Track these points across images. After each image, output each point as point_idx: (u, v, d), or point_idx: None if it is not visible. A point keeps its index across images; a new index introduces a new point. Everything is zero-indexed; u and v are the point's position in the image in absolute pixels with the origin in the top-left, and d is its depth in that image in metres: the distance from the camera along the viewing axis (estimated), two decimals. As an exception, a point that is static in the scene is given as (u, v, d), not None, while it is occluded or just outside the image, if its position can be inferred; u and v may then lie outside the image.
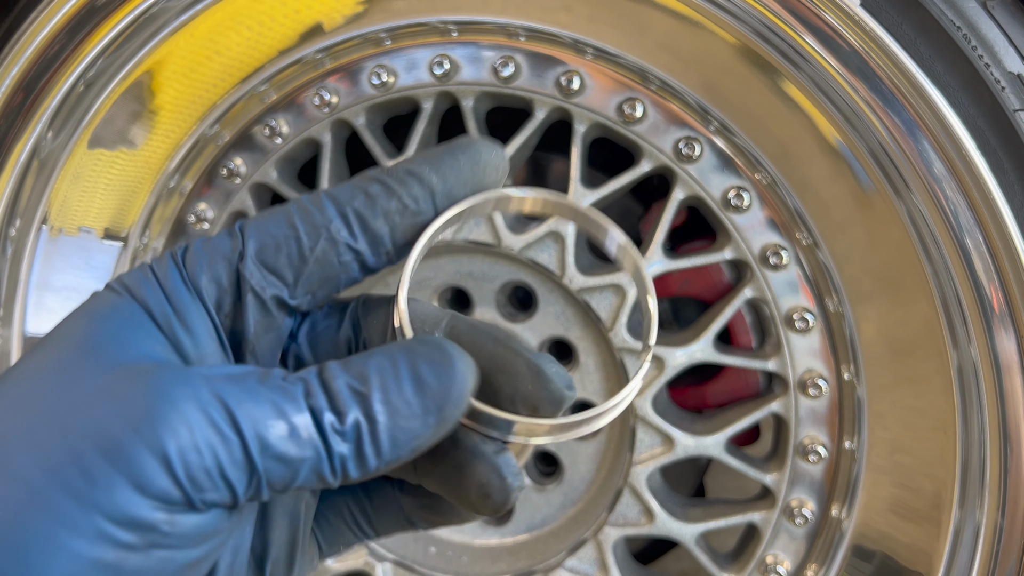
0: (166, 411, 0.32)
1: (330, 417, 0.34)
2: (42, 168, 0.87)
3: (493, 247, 0.83)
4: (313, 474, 0.34)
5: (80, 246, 0.91)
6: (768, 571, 0.82)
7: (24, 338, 0.92)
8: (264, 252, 0.38)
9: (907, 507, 0.75)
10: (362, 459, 0.35)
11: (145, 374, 0.34)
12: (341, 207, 0.38)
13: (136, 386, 0.33)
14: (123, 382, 0.33)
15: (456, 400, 0.35)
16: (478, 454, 0.39)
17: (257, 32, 0.82)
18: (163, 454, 0.32)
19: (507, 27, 0.77)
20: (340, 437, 0.34)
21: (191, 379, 0.34)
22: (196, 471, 0.32)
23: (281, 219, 0.38)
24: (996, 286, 0.68)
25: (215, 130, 0.87)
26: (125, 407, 0.33)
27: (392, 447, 0.35)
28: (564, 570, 0.88)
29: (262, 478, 0.33)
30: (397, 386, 0.35)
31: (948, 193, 0.67)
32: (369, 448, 0.34)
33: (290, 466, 0.34)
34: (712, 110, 0.74)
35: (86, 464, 0.31)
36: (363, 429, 0.34)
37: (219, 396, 0.33)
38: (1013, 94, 0.65)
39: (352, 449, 0.34)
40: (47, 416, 0.33)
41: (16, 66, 0.83)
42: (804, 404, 0.78)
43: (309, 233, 0.38)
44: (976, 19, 0.66)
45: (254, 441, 0.33)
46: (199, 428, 0.32)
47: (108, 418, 0.32)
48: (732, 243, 0.77)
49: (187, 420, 0.32)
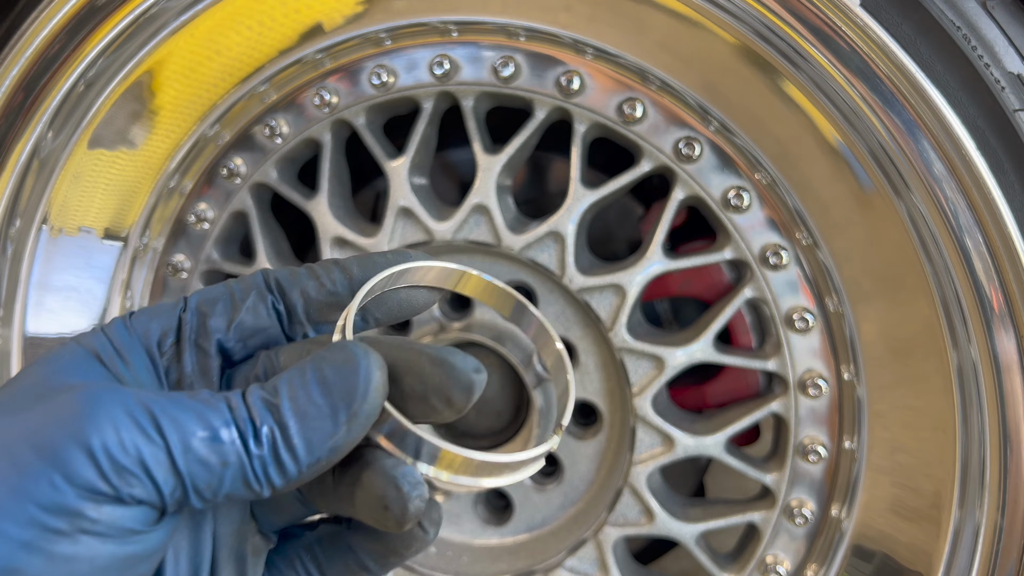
0: (93, 411, 0.36)
1: (248, 427, 0.37)
2: (42, 168, 0.87)
3: (493, 247, 0.83)
4: (239, 481, 0.37)
5: (80, 246, 0.91)
6: (768, 571, 0.82)
7: (24, 338, 0.92)
8: (203, 304, 0.43)
9: (907, 507, 0.75)
10: (280, 464, 0.37)
11: (79, 386, 0.38)
12: (269, 276, 0.43)
13: (68, 396, 0.37)
14: (59, 396, 0.37)
15: (363, 394, 0.37)
16: (375, 467, 0.40)
17: (257, 32, 0.82)
18: (88, 448, 0.35)
19: (507, 27, 0.77)
20: (257, 444, 0.37)
21: (123, 391, 0.37)
22: (122, 464, 0.35)
23: (220, 285, 0.44)
24: (996, 286, 0.68)
25: (215, 130, 0.87)
26: (57, 411, 0.36)
27: (307, 450, 0.37)
28: (564, 570, 0.88)
29: (187, 480, 0.36)
30: (305, 392, 0.37)
31: (948, 193, 0.67)
32: (285, 453, 0.37)
33: (213, 471, 0.36)
34: (712, 110, 0.74)
35: (19, 459, 0.35)
36: (276, 435, 0.37)
37: (145, 404, 0.36)
38: (1013, 94, 0.65)
39: (270, 454, 0.37)
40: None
41: (16, 66, 0.83)
42: (804, 404, 0.78)
43: (243, 290, 0.43)
44: (976, 19, 0.66)
45: (177, 444, 0.36)
46: (125, 428, 0.36)
47: (41, 421, 0.36)
48: (732, 243, 0.77)
49: (113, 420, 0.36)
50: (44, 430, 0.36)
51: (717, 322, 0.79)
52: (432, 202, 0.87)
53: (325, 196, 0.86)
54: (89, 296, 0.93)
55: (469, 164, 0.86)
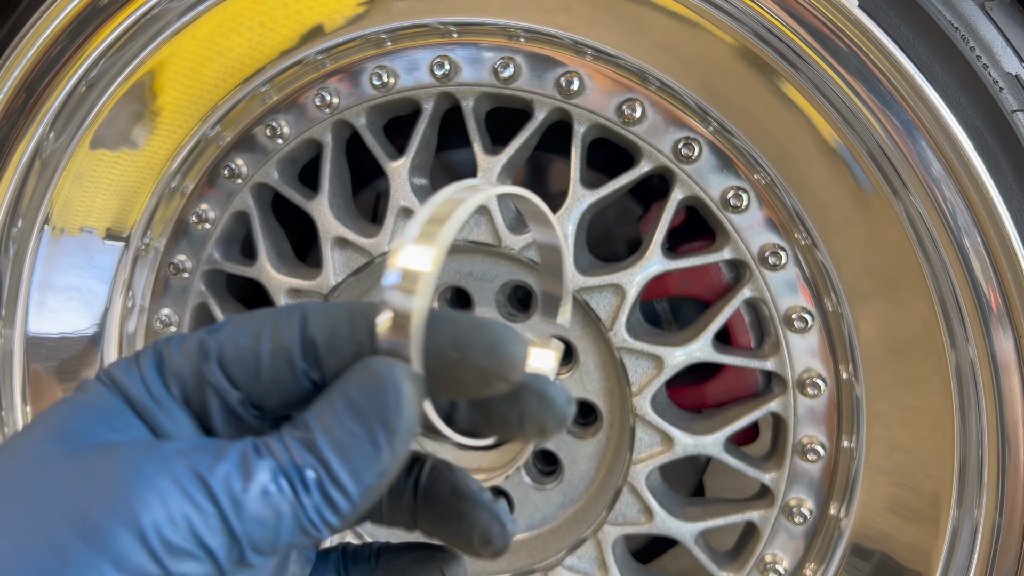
0: (139, 486, 0.33)
1: (294, 471, 0.35)
2: (44, 168, 0.88)
3: (493, 247, 0.83)
4: (296, 529, 0.35)
5: (82, 246, 0.92)
6: (767, 570, 0.82)
7: (26, 337, 0.92)
8: (225, 359, 0.38)
9: (905, 506, 0.76)
10: (332, 503, 0.35)
11: (117, 452, 0.35)
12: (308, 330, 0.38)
13: (108, 464, 0.34)
14: (96, 462, 0.34)
15: (396, 409, 0.35)
16: (479, 503, 0.41)
17: (258, 33, 0.82)
18: (138, 529, 0.32)
19: (507, 28, 0.78)
20: (305, 489, 0.35)
21: (162, 452, 0.35)
22: (173, 543, 0.33)
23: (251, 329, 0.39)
24: (994, 286, 0.68)
25: (216, 131, 0.87)
26: (98, 486, 0.33)
27: (355, 481, 0.35)
28: (564, 568, 0.88)
29: (242, 541, 0.34)
30: (337, 422, 0.35)
31: (946, 193, 0.67)
32: (334, 491, 0.35)
33: (269, 526, 0.34)
34: (711, 111, 0.74)
35: (61, 545, 0.32)
36: (321, 474, 0.35)
37: (190, 466, 0.34)
38: (1011, 95, 0.65)
39: (320, 497, 0.35)
40: (22, 500, 0.33)
41: (18, 67, 0.83)
42: (803, 403, 0.79)
43: (271, 352, 0.38)
44: (974, 20, 0.66)
45: (228, 507, 0.34)
46: (173, 499, 0.33)
47: (82, 498, 0.33)
48: (731, 243, 0.78)
49: (160, 492, 0.33)
50: (84, 507, 0.33)
51: (716, 322, 0.79)
52: (432, 202, 0.87)
53: (326, 196, 0.86)
54: (91, 296, 0.93)
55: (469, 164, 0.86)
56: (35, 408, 0.94)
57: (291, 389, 0.38)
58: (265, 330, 0.38)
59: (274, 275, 0.89)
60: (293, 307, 0.39)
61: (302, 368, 0.38)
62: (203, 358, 0.38)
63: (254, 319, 0.39)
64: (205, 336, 0.39)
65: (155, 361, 0.39)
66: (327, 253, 0.87)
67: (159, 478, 0.33)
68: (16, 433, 0.38)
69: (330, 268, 0.87)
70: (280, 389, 0.38)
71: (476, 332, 0.37)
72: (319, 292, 0.88)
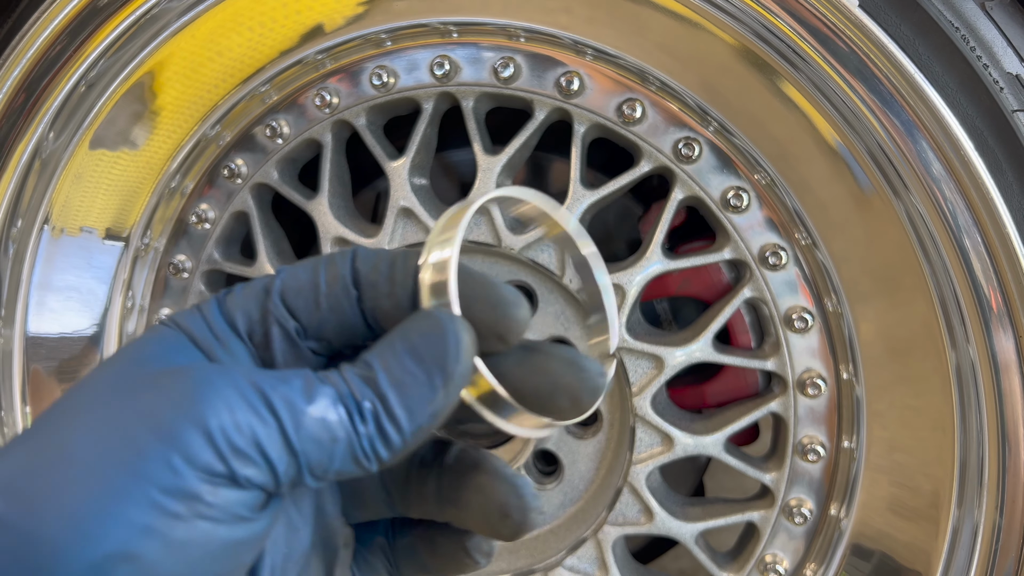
0: (207, 393, 0.36)
1: (351, 402, 0.37)
2: (44, 168, 0.88)
3: (493, 247, 0.83)
4: (348, 457, 0.37)
5: (82, 246, 0.92)
6: (767, 570, 0.82)
7: (26, 337, 0.92)
8: (287, 292, 0.41)
9: (905, 506, 0.76)
10: (385, 436, 0.37)
11: (187, 368, 0.38)
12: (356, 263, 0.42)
13: (179, 377, 0.37)
14: (167, 376, 0.37)
15: (455, 356, 0.38)
16: (499, 476, 0.42)
17: (258, 33, 0.82)
18: (206, 430, 0.35)
19: (507, 28, 0.78)
20: (362, 420, 0.37)
21: (232, 371, 0.38)
22: (238, 446, 0.35)
23: (308, 265, 0.42)
24: (994, 286, 0.68)
25: (216, 131, 0.87)
26: (171, 394, 0.36)
27: (409, 417, 0.37)
28: (564, 569, 0.88)
29: (300, 458, 0.36)
30: (397, 362, 0.38)
31: (946, 193, 0.67)
32: (388, 424, 0.37)
33: (324, 448, 0.37)
34: (711, 111, 0.74)
35: (138, 442, 0.35)
36: (378, 407, 0.37)
37: (256, 383, 0.37)
38: (1011, 95, 0.65)
39: (374, 427, 0.37)
40: (103, 411, 0.37)
41: (18, 67, 0.83)
42: (803, 403, 0.79)
43: (328, 282, 0.41)
44: (975, 20, 0.66)
45: (289, 423, 0.36)
46: (239, 409, 0.36)
47: (156, 404, 0.36)
48: (731, 243, 0.78)
49: (227, 401, 0.36)
50: (160, 412, 0.36)
51: (716, 322, 0.79)
52: (432, 202, 0.87)
53: (326, 196, 0.86)
54: (90, 296, 0.93)
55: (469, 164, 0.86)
56: (35, 408, 0.94)
57: (347, 317, 0.41)
58: (321, 263, 0.42)
59: (274, 275, 0.89)
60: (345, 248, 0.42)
61: (355, 295, 0.41)
62: (265, 294, 0.41)
63: (310, 260, 0.42)
64: (266, 279, 0.42)
65: (216, 303, 0.42)
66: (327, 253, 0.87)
67: (226, 388, 0.36)
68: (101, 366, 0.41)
69: (330, 268, 0.87)
70: (337, 316, 0.41)
71: (483, 288, 0.40)
72: (319, 292, 0.88)
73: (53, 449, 0.36)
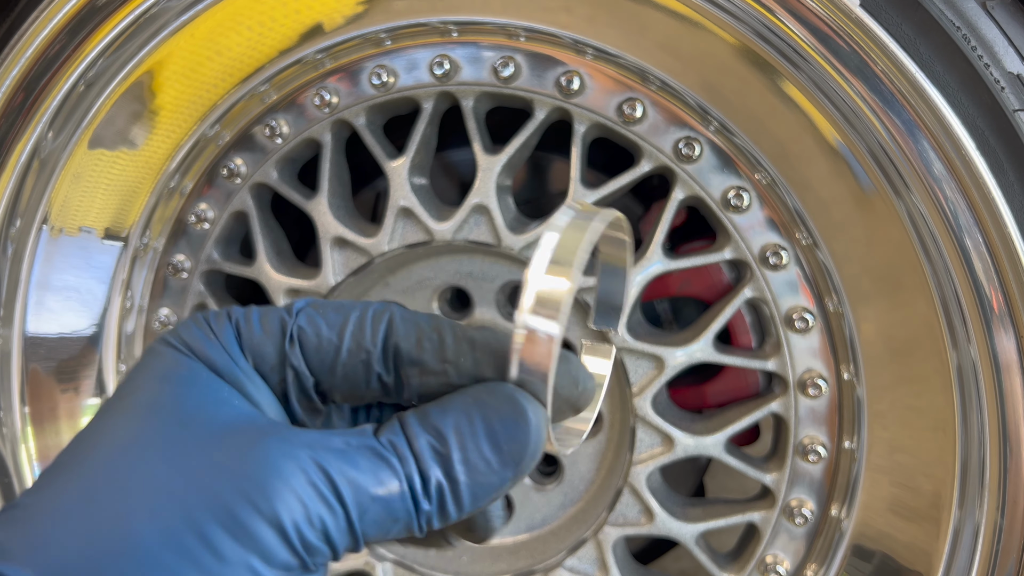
0: (278, 486, 0.34)
1: (418, 480, 0.36)
2: (42, 168, 0.88)
3: (493, 247, 0.83)
4: (404, 530, 0.37)
5: (80, 246, 0.91)
6: (768, 571, 0.82)
7: (24, 337, 0.92)
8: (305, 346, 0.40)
9: (906, 507, 0.75)
10: (445, 514, 0.37)
11: (250, 444, 0.36)
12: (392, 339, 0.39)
13: (245, 457, 0.35)
14: (231, 453, 0.36)
15: (532, 454, 0.37)
16: None
17: (257, 32, 0.82)
18: (280, 527, 0.34)
19: (507, 27, 0.77)
20: (426, 498, 0.36)
21: (294, 449, 0.36)
22: (310, 543, 0.35)
23: (335, 323, 0.40)
24: (995, 286, 0.68)
25: (215, 130, 0.87)
26: (238, 480, 0.35)
27: (472, 501, 0.37)
28: (564, 570, 0.88)
29: (360, 539, 0.36)
30: (475, 444, 0.36)
31: (948, 193, 0.67)
32: (451, 506, 0.37)
33: (385, 529, 0.36)
34: (712, 110, 0.74)
35: (210, 540, 0.33)
36: (445, 489, 0.37)
37: (322, 466, 0.35)
38: (1012, 94, 0.65)
39: (436, 507, 0.37)
40: (164, 492, 0.35)
41: (17, 66, 0.83)
42: (804, 404, 0.79)
43: (351, 351, 0.39)
44: (976, 19, 0.66)
45: (355, 509, 0.35)
46: (309, 499, 0.35)
47: (224, 492, 0.34)
48: (732, 243, 0.78)
49: (297, 493, 0.35)
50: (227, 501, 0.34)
51: (717, 322, 0.79)
52: (432, 202, 0.87)
53: (325, 196, 0.86)
54: (89, 296, 0.93)
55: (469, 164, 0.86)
56: (33, 409, 0.93)
57: (359, 386, 0.40)
58: (348, 327, 0.39)
59: (273, 275, 0.89)
60: (379, 309, 0.40)
61: (377, 372, 0.39)
62: (283, 337, 0.40)
63: (340, 311, 0.40)
64: (285, 316, 0.40)
65: (233, 332, 0.40)
66: (326, 253, 0.86)
67: (294, 477, 0.35)
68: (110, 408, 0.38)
69: (329, 268, 0.87)
70: (350, 385, 0.40)
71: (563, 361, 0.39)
72: (318, 292, 0.88)
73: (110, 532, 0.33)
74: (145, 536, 0.33)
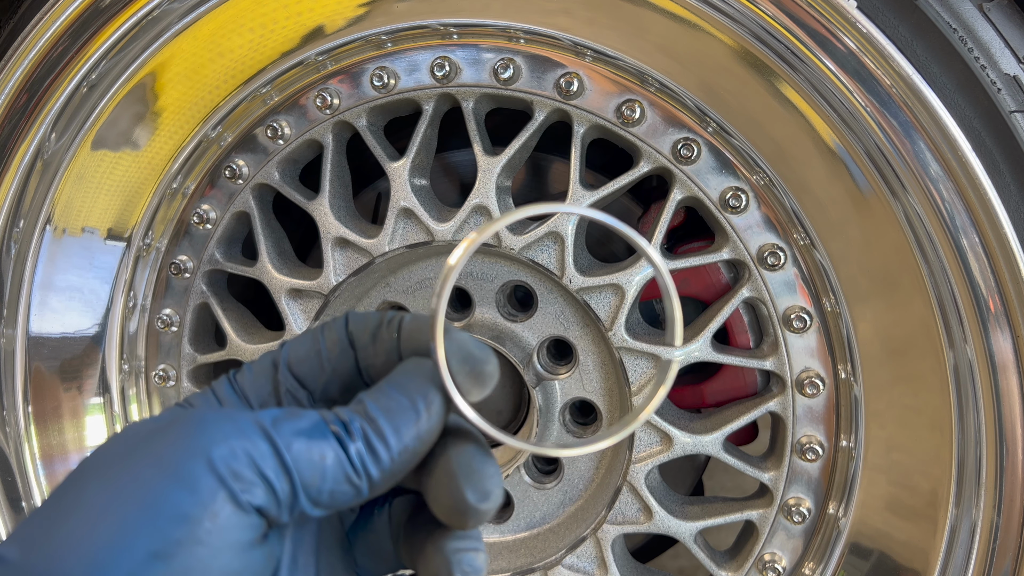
0: (207, 428, 0.40)
1: (340, 425, 0.41)
2: (46, 169, 0.88)
3: (493, 247, 0.84)
4: (340, 475, 0.41)
5: (84, 246, 0.92)
6: (766, 568, 0.83)
7: (28, 337, 0.93)
8: (293, 363, 0.46)
9: (904, 505, 0.76)
10: (374, 452, 0.41)
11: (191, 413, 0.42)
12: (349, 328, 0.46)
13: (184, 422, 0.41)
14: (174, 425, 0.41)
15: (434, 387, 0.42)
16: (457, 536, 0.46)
17: (259, 35, 0.83)
18: (208, 459, 0.38)
19: (507, 30, 0.78)
20: (350, 437, 0.41)
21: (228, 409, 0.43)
22: (237, 470, 0.39)
23: (307, 336, 0.47)
24: (991, 286, 0.68)
25: (218, 131, 0.88)
26: (176, 436, 0.40)
27: (396, 435, 0.41)
28: (563, 567, 0.89)
29: (294, 476, 0.40)
30: (383, 394, 0.43)
31: (944, 194, 0.68)
32: (377, 441, 0.41)
33: (316, 465, 0.40)
34: (710, 112, 0.74)
35: (145, 479, 0.38)
36: (367, 428, 0.41)
37: (251, 416, 0.41)
38: (1009, 95, 0.66)
39: (363, 444, 0.41)
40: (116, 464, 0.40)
41: (20, 68, 0.83)
42: (801, 403, 0.79)
43: (329, 347, 0.46)
44: (972, 21, 0.66)
45: (282, 444, 0.40)
46: (236, 437, 0.39)
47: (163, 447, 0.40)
48: (730, 243, 0.78)
49: (225, 432, 0.39)
50: (167, 452, 0.39)
51: (715, 322, 0.79)
52: (433, 203, 0.87)
53: (327, 197, 0.86)
54: (92, 296, 0.94)
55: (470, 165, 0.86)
56: (37, 407, 0.94)
57: (349, 376, 0.46)
58: (319, 332, 0.47)
59: (275, 275, 0.89)
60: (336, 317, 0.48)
61: (353, 355, 0.46)
62: (274, 368, 0.46)
63: (308, 331, 0.48)
64: (273, 353, 0.47)
65: (227, 382, 0.46)
66: (328, 253, 0.87)
67: (225, 424, 0.40)
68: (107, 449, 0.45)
69: (331, 268, 0.87)
70: (340, 377, 0.46)
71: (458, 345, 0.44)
72: (320, 292, 0.88)
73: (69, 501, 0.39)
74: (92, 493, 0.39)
